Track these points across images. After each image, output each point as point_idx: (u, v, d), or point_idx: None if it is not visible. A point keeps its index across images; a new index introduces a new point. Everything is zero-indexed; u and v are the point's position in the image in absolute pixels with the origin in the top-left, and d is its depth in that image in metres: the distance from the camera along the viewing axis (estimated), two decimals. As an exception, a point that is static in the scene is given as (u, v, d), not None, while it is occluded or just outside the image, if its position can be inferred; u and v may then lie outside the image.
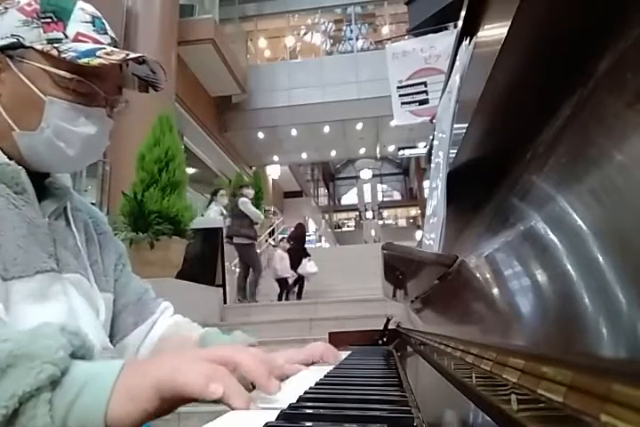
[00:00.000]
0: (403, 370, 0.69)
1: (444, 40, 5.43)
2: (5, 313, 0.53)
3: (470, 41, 0.54)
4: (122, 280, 0.76)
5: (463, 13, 0.61)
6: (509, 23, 0.29)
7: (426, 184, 14.38)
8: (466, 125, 0.49)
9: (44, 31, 0.61)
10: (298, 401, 0.43)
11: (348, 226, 25.94)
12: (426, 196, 1.47)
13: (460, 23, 0.63)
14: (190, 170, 9.61)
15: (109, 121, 0.67)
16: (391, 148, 13.94)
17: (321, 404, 0.42)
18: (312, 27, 14.19)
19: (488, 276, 0.32)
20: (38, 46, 0.60)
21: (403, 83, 5.78)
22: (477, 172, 0.51)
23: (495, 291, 0.29)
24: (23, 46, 0.60)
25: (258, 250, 6.22)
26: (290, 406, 0.41)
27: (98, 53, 0.60)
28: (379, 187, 24.91)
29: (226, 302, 5.02)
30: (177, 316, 0.83)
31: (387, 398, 0.45)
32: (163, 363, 0.40)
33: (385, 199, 25.64)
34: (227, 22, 11.84)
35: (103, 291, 0.70)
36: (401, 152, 12.38)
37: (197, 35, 8.72)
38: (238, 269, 5.92)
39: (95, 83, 0.63)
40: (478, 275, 0.34)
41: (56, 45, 0.60)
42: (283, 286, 6.51)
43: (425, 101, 5.65)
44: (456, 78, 0.57)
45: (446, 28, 5.55)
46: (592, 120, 0.22)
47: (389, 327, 1.25)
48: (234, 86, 10.53)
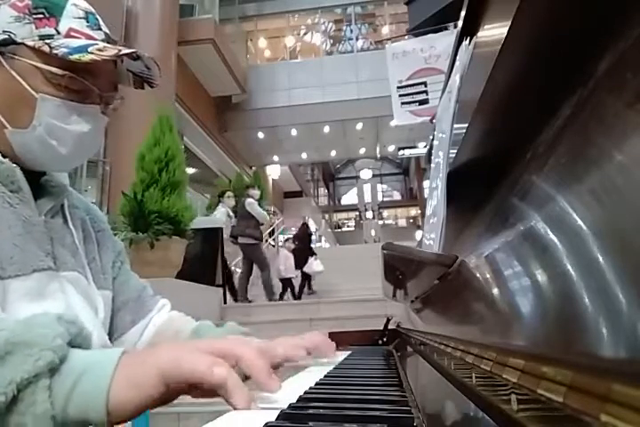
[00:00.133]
0: (403, 370, 0.69)
1: (444, 40, 5.43)
2: (2, 312, 0.53)
3: (470, 41, 0.54)
4: (120, 278, 0.76)
5: (463, 13, 0.61)
6: (509, 23, 0.29)
7: (426, 184, 14.39)
8: (466, 125, 0.49)
9: (36, 27, 0.60)
10: (298, 401, 0.43)
11: (348, 226, 25.94)
12: (426, 196, 1.47)
13: (460, 23, 0.63)
14: (190, 170, 9.62)
15: (104, 118, 0.66)
16: (391, 148, 13.95)
17: (321, 404, 0.42)
18: (312, 27, 14.19)
19: (488, 276, 0.32)
20: (30, 42, 0.59)
21: (403, 83, 5.78)
22: (477, 172, 0.51)
23: (495, 291, 0.29)
24: (15, 43, 0.59)
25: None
26: (290, 406, 0.41)
27: (90, 49, 0.59)
28: (379, 187, 24.92)
29: (226, 302, 5.03)
30: (173, 312, 0.82)
31: (387, 398, 0.45)
32: (162, 352, 0.40)
33: (385, 199, 25.64)
34: (227, 22, 11.85)
35: (101, 289, 0.69)
36: (401, 152, 12.39)
37: (197, 35, 8.73)
38: (239, 269, 5.92)
39: (88, 79, 0.62)
40: (478, 275, 0.34)
41: (48, 41, 0.59)
42: (286, 286, 6.54)
43: (425, 101, 5.65)
44: (456, 78, 0.57)
45: (446, 28, 5.55)
46: (592, 120, 0.22)
47: (389, 327, 1.25)
48: (234, 86, 10.54)
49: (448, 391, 0.37)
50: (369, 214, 23.05)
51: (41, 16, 0.60)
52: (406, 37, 7.21)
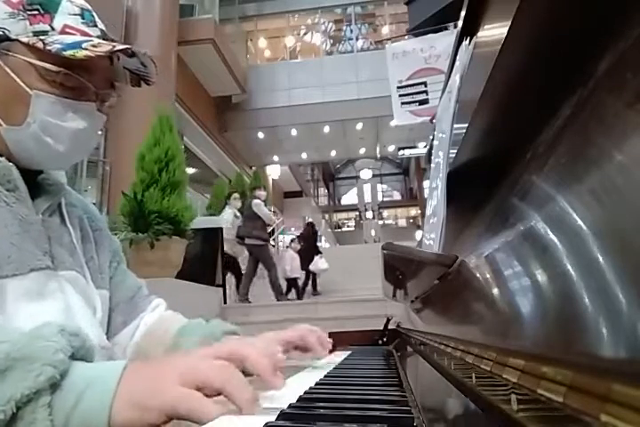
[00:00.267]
0: (403, 370, 0.69)
1: (444, 40, 5.43)
2: (1, 312, 0.52)
3: (470, 41, 0.54)
4: (116, 278, 0.75)
5: (463, 13, 0.61)
6: (509, 23, 0.29)
7: (426, 184, 14.38)
8: (466, 125, 0.49)
9: (30, 23, 0.59)
10: (298, 401, 0.43)
11: (348, 226, 25.93)
12: (426, 196, 1.47)
13: (460, 23, 0.63)
14: (190, 170, 9.62)
15: (100, 116, 0.65)
16: (391, 148, 13.95)
17: (321, 404, 0.42)
18: (312, 27, 14.19)
19: (488, 276, 0.32)
20: (24, 39, 0.58)
21: (403, 83, 5.78)
22: (477, 172, 0.51)
23: (495, 291, 0.29)
24: (9, 39, 0.58)
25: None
26: (290, 406, 0.41)
27: (84, 45, 0.58)
28: (379, 187, 24.91)
29: (226, 302, 5.03)
30: (167, 311, 0.81)
31: (387, 398, 0.45)
32: (168, 382, 0.39)
33: (385, 199, 25.64)
34: (227, 22, 11.84)
35: (99, 288, 0.69)
36: (401, 152, 12.38)
37: (197, 35, 8.73)
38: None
39: (83, 76, 0.61)
40: (478, 275, 0.34)
41: (42, 38, 0.59)
42: (290, 286, 6.58)
43: (425, 101, 5.65)
44: (456, 78, 0.57)
45: (446, 28, 5.55)
46: (592, 120, 0.22)
47: (389, 327, 1.25)
48: (234, 86, 10.54)
49: (448, 391, 0.37)
50: (369, 214, 23.04)
51: (36, 12, 0.60)
52: (406, 37, 7.21)
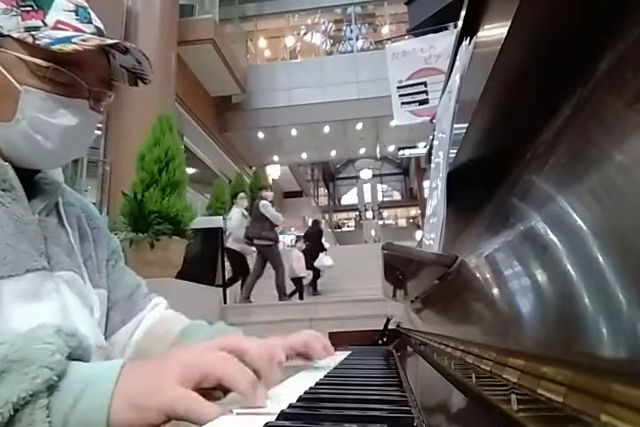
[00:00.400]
0: (403, 370, 0.69)
1: (444, 40, 5.43)
2: None
3: (470, 41, 0.54)
4: (113, 276, 0.75)
5: (463, 13, 0.61)
6: (509, 23, 0.29)
7: (426, 184, 14.38)
8: (466, 125, 0.49)
9: (23, 19, 0.59)
10: (298, 401, 0.43)
11: (348, 226, 25.93)
12: (426, 196, 1.47)
13: (460, 23, 0.63)
14: (190, 170, 9.62)
15: (94, 114, 0.64)
16: (391, 148, 13.96)
17: (321, 404, 0.42)
18: (312, 27, 14.19)
19: (488, 276, 0.32)
20: (15, 34, 0.58)
21: (403, 83, 5.78)
22: (477, 172, 0.51)
23: (495, 291, 0.29)
24: (1, 35, 0.58)
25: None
26: (290, 406, 0.41)
27: (73, 40, 0.57)
28: (379, 187, 24.91)
29: (226, 302, 5.03)
30: (167, 310, 0.81)
31: (387, 398, 0.45)
32: (167, 384, 0.39)
33: (385, 199, 25.64)
34: (227, 22, 11.85)
35: (97, 287, 0.68)
36: (401, 152, 12.38)
37: (197, 35, 8.73)
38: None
39: (76, 73, 0.60)
40: (478, 275, 0.34)
41: (33, 33, 0.58)
42: (297, 286, 6.63)
43: (425, 101, 5.65)
44: (456, 78, 0.57)
45: (446, 28, 5.55)
46: (592, 120, 0.22)
47: (389, 327, 1.25)
48: (234, 86, 10.54)
49: (448, 391, 0.37)
50: (369, 214, 23.05)
51: (29, 9, 0.59)
52: (406, 37, 7.21)
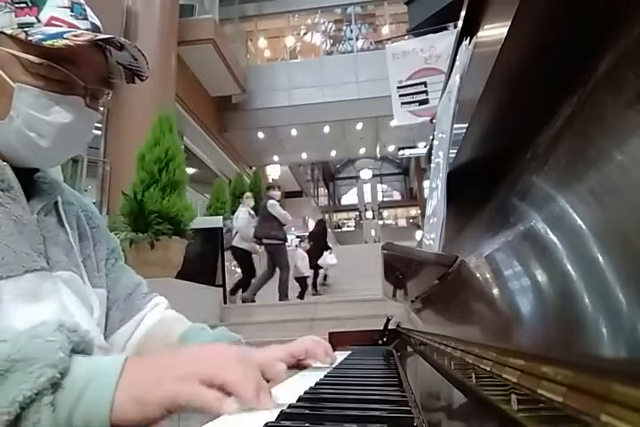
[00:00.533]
0: (403, 370, 0.69)
1: (444, 40, 5.42)
2: None
3: (470, 41, 0.54)
4: (112, 275, 0.75)
5: (463, 13, 0.61)
6: (509, 23, 0.29)
7: (426, 184, 14.37)
8: (466, 125, 0.49)
9: (16, 15, 0.58)
10: (298, 401, 0.43)
11: (348, 226, 25.93)
12: (426, 196, 1.47)
13: (460, 23, 0.63)
14: (190, 170, 9.62)
15: (90, 112, 0.63)
16: (391, 148, 13.95)
17: (321, 404, 0.42)
18: (312, 27, 14.18)
19: (488, 276, 0.32)
20: (8, 31, 0.58)
21: (403, 83, 5.78)
22: (477, 172, 0.51)
23: (495, 291, 0.29)
24: None
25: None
26: (290, 406, 0.41)
27: (65, 35, 0.57)
28: (379, 187, 24.91)
29: (226, 302, 5.02)
30: (168, 311, 0.81)
31: (387, 398, 0.45)
32: (166, 380, 0.39)
33: (385, 199, 25.64)
34: (227, 22, 11.84)
35: (96, 287, 0.68)
36: (401, 152, 12.37)
37: (197, 35, 8.72)
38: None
39: (71, 70, 0.60)
40: (478, 275, 0.34)
41: (26, 29, 0.58)
42: (301, 285, 6.66)
43: (425, 101, 5.64)
44: (456, 78, 0.57)
45: (446, 28, 5.54)
46: (592, 120, 0.22)
47: (389, 327, 1.25)
48: (234, 86, 10.53)
49: (448, 391, 0.37)
50: (369, 214, 23.03)
51: (23, 5, 0.59)
52: (406, 37, 7.20)
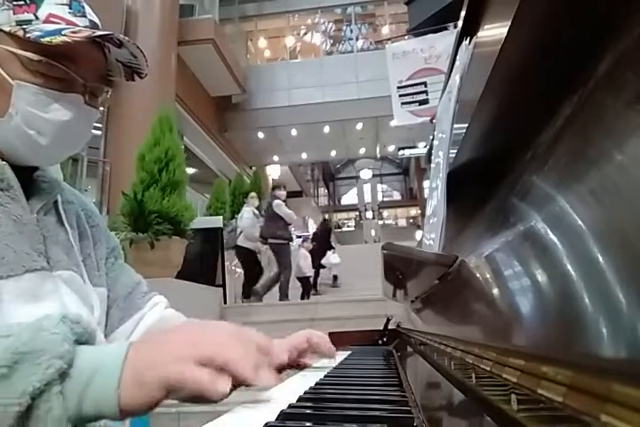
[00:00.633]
0: (403, 370, 0.69)
1: (444, 40, 5.42)
2: None
3: (470, 41, 0.54)
4: (112, 274, 0.75)
5: (463, 13, 0.61)
6: (509, 23, 0.29)
7: (426, 184, 14.37)
8: (466, 125, 0.49)
9: (15, 13, 0.58)
10: (298, 401, 0.44)
11: (348, 226, 25.93)
12: (426, 196, 1.47)
13: (460, 23, 0.63)
14: (190, 170, 9.63)
15: (90, 109, 0.63)
16: (391, 148, 13.95)
17: (321, 404, 0.42)
18: (312, 27, 14.18)
19: (488, 276, 0.32)
20: (6, 28, 0.58)
21: (403, 83, 5.78)
22: (477, 172, 0.51)
23: (495, 291, 0.29)
24: None
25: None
26: (290, 406, 0.41)
27: (64, 32, 0.57)
28: (379, 187, 24.93)
29: (226, 302, 5.02)
30: (167, 310, 0.81)
31: (387, 398, 0.45)
32: (169, 360, 0.40)
33: (385, 199, 25.65)
34: (227, 22, 11.84)
35: (96, 286, 0.68)
36: (401, 152, 12.37)
37: (197, 35, 8.72)
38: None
39: (70, 67, 0.59)
40: (478, 275, 0.34)
41: (24, 27, 0.58)
42: (304, 285, 6.67)
43: (425, 101, 5.65)
44: (456, 78, 0.57)
45: (446, 28, 5.54)
46: (592, 120, 0.22)
47: (389, 327, 1.25)
48: (234, 86, 10.53)
49: (448, 391, 0.37)
50: (369, 214, 23.04)
51: (21, 3, 0.59)
52: (406, 37, 7.21)
